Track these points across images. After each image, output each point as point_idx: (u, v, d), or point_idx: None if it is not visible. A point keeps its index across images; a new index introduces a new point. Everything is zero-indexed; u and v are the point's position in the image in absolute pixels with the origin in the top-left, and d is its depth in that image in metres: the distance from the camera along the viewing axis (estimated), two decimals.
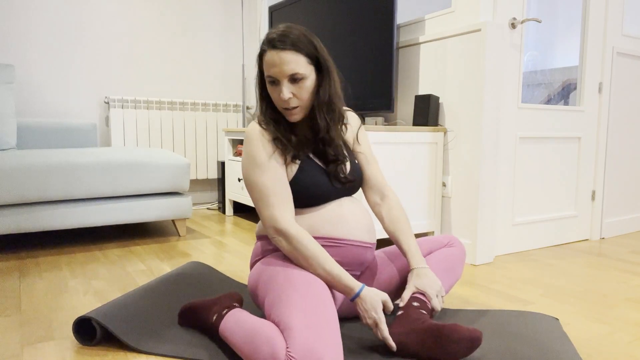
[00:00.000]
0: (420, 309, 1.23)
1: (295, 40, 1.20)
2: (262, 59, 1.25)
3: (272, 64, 1.20)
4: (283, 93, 1.21)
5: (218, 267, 2.03)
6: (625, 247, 2.47)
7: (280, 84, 1.22)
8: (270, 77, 1.22)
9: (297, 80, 1.21)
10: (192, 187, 3.72)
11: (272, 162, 1.24)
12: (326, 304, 1.10)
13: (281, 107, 1.26)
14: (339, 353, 1.00)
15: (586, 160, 2.59)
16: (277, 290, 1.14)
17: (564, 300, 1.67)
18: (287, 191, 1.24)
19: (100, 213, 2.33)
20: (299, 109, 1.26)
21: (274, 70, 1.21)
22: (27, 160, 2.16)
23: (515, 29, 2.19)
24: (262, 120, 1.29)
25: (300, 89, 1.22)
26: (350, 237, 1.28)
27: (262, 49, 1.23)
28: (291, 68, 1.19)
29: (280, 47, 1.19)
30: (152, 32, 3.44)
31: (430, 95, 2.21)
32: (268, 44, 1.21)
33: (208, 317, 1.27)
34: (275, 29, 1.22)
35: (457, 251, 1.46)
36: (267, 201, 1.22)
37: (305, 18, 2.74)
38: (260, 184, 1.23)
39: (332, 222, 1.28)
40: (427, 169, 2.23)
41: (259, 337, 1.04)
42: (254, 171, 1.25)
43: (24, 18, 3.02)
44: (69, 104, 3.20)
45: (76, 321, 1.28)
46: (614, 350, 1.27)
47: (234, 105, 3.71)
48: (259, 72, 1.29)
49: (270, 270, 1.23)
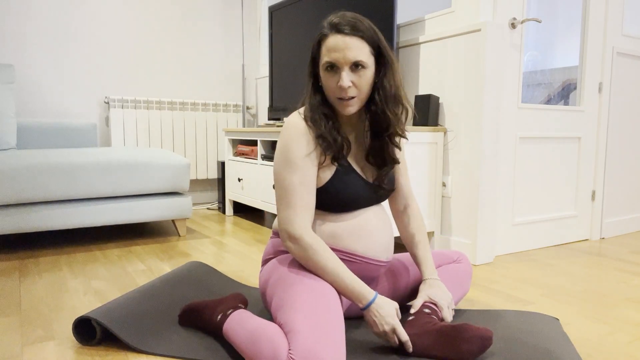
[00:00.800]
0: (431, 315, 1.23)
1: (362, 28, 1.15)
2: (320, 45, 1.19)
3: (334, 48, 1.14)
4: (343, 80, 1.15)
5: (218, 267, 2.03)
6: (625, 247, 2.47)
7: (341, 70, 1.16)
8: (330, 62, 1.16)
9: (359, 68, 1.16)
10: (192, 187, 3.72)
11: (307, 162, 1.18)
12: (333, 307, 1.09)
13: (336, 97, 1.19)
14: (341, 355, 1.00)
15: (586, 160, 2.59)
16: (285, 292, 1.14)
17: (564, 300, 1.67)
18: (312, 197, 1.20)
19: (100, 213, 2.33)
20: (355, 99, 1.19)
21: (336, 55, 1.15)
22: (27, 160, 2.16)
23: (515, 29, 2.19)
24: (308, 116, 1.21)
25: (361, 78, 1.16)
26: (369, 254, 1.26)
27: (322, 34, 1.18)
28: (355, 55, 1.14)
29: (346, 32, 1.14)
30: (152, 32, 3.44)
31: (430, 95, 2.21)
32: (332, 28, 1.16)
33: (212, 316, 1.26)
34: (338, 15, 1.17)
35: (466, 267, 1.48)
36: (288, 201, 1.18)
37: (305, 18, 2.74)
38: (287, 181, 1.18)
39: (355, 235, 1.24)
40: (427, 169, 2.23)
41: (261, 338, 1.04)
42: (285, 167, 1.19)
43: (24, 18, 3.02)
44: (69, 104, 3.20)
45: (76, 321, 1.28)
46: (614, 350, 1.27)
47: (234, 105, 3.71)
48: (311, 62, 1.23)
49: (280, 271, 1.22)
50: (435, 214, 2.27)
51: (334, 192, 1.22)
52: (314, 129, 1.19)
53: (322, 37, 1.18)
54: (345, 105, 1.19)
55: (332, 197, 1.22)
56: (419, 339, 1.17)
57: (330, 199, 1.23)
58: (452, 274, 1.44)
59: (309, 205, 1.19)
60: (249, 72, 3.92)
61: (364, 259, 1.26)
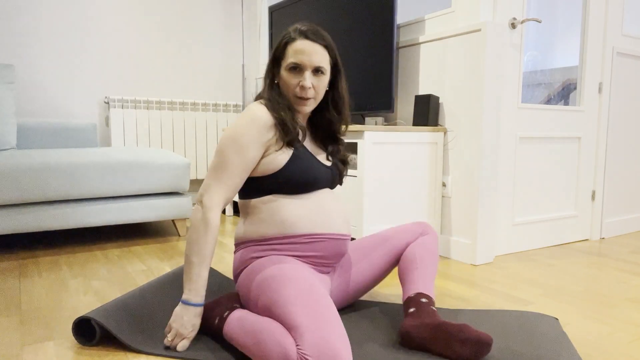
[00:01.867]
0: (429, 304, 1.26)
1: (325, 37, 1.31)
2: (285, 47, 1.30)
3: (301, 51, 1.27)
4: (306, 80, 1.27)
5: (218, 267, 2.03)
6: (625, 247, 2.47)
7: (304, 72, 1.28)
8: (295, 63, 1.27)
9: (319, 73, 1.29)
10: (192, 187, 3.72)
11: (253, 148, 1.25)
12: (326, 299, 1.10)
13: (294, 96, 1.30)
14: (348, 346, 1.01)
15: (586, 160, 2.59)
16: (274, 291, 1.14)
17: (564, 300, 1.67)
18: (241, 181, 1.27)
19: (100, 213, 2.33)
20: (312, 100, 1.32)
21: (301, 58, 1.27)
22: (27, 160, 2.16)
23: (515, 29, 2.19)
24: (269, 104, 1.29)
25: (320, 82, 1.30)
26: (331, 230, 1.31)
27: (290, 37, 1.29)
28: (319, 60, 1.28)
29: (313, 39, 1.28)
30: (152, 32, 3.44)
31: (430, 95, 2.21)
32: (300, 34, 1.28)
33: (209, 320, 1.26)
34: (304, 24, 1.30)
35: (433, 238, 1.47)
36: (219, 176, 1.25)
37: (305, 18, 2.74)
38: (228, 159, 1.24)
39: (316, 215, 1.30)
40: (427, 169, 2.23)
41: (266, 337, 1.04)
42: (233, 145, 1.25)
43: (24, 18, 3.02)
44: (69, 104, 3.20)
45: (76, 321, 1.28)
46: (613, 350, 1.27)
47: (234, 105, 3.71)
48: (272, 61, 1.34)
49: (263, 274, 1.21)
50: (435, 214, 2.27)
51: (295, 171, 1.28)
52: (276, 115, 1.27)
53: (289, 40, 1.29)
54: (302, 103, 1.31)
55: (292, 177, 1.28)
56: (417, 330, 1.19)
57: (290, 179, 1.28)
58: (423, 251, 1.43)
59: (235, 186, 1.26)
60: (249, 72, 3.92)
61: (328, 236, 1.30)
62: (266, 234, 1.28)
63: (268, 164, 1.27)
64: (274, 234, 1.28)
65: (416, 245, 1.44)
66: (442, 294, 1.71)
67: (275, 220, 1.28)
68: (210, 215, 1.22)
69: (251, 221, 1.31)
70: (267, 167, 1.28)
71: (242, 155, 1.24)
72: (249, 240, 1.31)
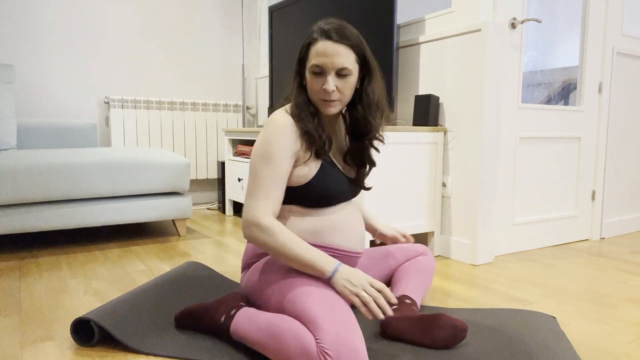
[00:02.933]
0: (413, 305, 1.32)
1: (350, 36, 1.22)
2: (308, 48, 1.24)
3: (323, 53, 1.20)
4: (329, 83, 1.21)
5: (218, 267, 2.03)
6: (625, 247, 2.47)
7: (327, 74, 1.22)
8: (317, 66, 1.22)
9: (344, 75, 1.22)
10: (192, 187, 3.72)
11: (284, 159, 1.21)
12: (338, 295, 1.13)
13: (319, 98, 1.25)
14: (363, 340, 1.04)
15: (586, 160, 2.59)
16: (289, 286, 1.16)
17: (564, 300, 1.67)
18: (281, 192, 1.22)
19: (100, 213, 2.33)
20: (337, 102, 1.25)
21: (323, 60, 1.20)
22: (27, 160, 2.16)
23: (515, 29, 2.19)
24: (295, 113, 1.25)
25: (345, 83, 1.23)
26: (346, 247, 1.31)
27: (312, 38, 1.23)
28: (342, 62, 1.20)
29: (336, 39, 1.20)
30: (152, 32, 3.44)
31: (430, 95, 2.21)
32: (322, 34, 1.21)
33: (214, 319, 1.26)
34: (328, 21, 1.23)
35: (430, 260, 1.54)
36: (257, 192, 1.20)
37: (305, 18, 2.74)
38: (261, 174, 1.21)
39: (336, 230, 1.28)
40: (427, 169, 2.23)
41: (282, 332, 1.05)
42: (262, 160, 1.21)
43: (24, 18, 3.02)
44: (69, 104, 3.20)
45: (74, 322, 1.28)
46: (613, 350, 1.27)
47: (234, 105, 3.71)
48: (298, 62, 1.29)
49: (275, 268, 1.23)
50: (435, 214, 2.27)
51: (320, 186, 1.25)
52: (301, 125, 1.23)
53: (311, 41, 1.23)
54: (327, 105, 1.25)
55: (317, 192, 1.25)
56: (397, 322, 1.24)
57: (315, 194, 1.26)
58: (418, 267, 1.49)
59: (276, 198, 1.21)
60: (249, 72, 3.92)
61: (344, 252, 1.31)
62: None
63: (297, 175, 1.25)
64: None
65: (413, 262, 1.51)
66: (442, 294, 1.71)
67: (295, 228, 1.28)
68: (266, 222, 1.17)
69: None
70: (296, 179, 1.25)
71: (274, 167, 1.21)
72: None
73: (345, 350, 0.97)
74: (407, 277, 1.45)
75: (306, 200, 1.27)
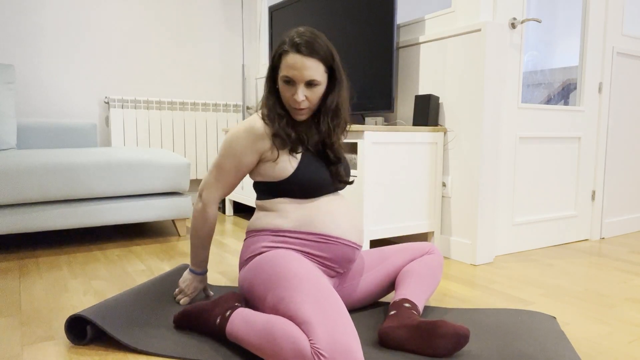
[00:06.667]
0: (412, 309, 1.28)
1: (319, 50, 1.28)
2: (280, 58, 1.31)
3: (293, 66, 1.28)
4: (298, 95, 1.29)
5: (218, 267, 2.03)
6: (625, 247, 2.47)
7: (296, 85, 1.30)
8: (287, 77, 1.30)
9: (312, 85, 1.30)
10: (192, 187, 3.72)
11: (246, 156, 1.36)
12: (334, 295, 1.13)
13: (290, 106, 1.35)
14: (358, 340, 1.03)
15: (586, 160, 2.59)
16: (280, 287, 1.15)
17: (564, 300, 1.67)
18: (237, 181, 1.42)
19: (100, 213, 2.33)
20: (306, 110, 1.35)
21: (293, 73, 1.28)
22: (27, 160, 2.16)
23: (515, 29, 2.19)
24: (266, 115, 1.36)
25: (313, 93, 1.32)
26: (341, 236, 1.34)
27: (283, 49, 1.30)
28: (310, 74, 1.28)
29: (305, 53, 1.27)
30: (152, 32, 3.44)
31: (430, 95, 2.21)
32: (293, 47, 1.28)
33: (209, 320, 1.26)
34: (300, 33, 1.29)
35: (437, 258, 1.52)
36: (216, 176, 1.40)
37: (305, 18, 2.74)
38: (223, 164, 1.39)
39: (329, 218, 1.33)
40: (427, 169, 2.23)
41: (277, 334, 1.05)
42: (228, 150, 1.37)
43: (24, 18, 3.02)
44: (69, 104, 3.20)
45: (69, 320, 1.27)
46: (613, 350, 1.27)
47: (234, 105, 3.71)
48: (271, 68, 1.36)
49: (269, 268, 1.23)
50: (435, 214, 2.27)
51: (305, 177, 1.34)
52: (270, 127, 1.35)
53: (282, 52, 1.30)
54: (298, 113, 1.36)
55: (302, 183, 1.34)
56: (396, 331, 1.21)
57: (300, 185, 1.34)
58: (423, 267, 1.47)
59: (230, 185, 1.42)
60: (249, 72, 3.92)
61: (340, 241, 1.33)
62: (281, 226, 1.33)
63: (274, 170, 1.35)
64: (289, 228, 1.33)
65: (418, 262, 1.48)
66: (442, 294, 1.71)
67: (290, 218, 1.34)
68: (208, 210, 1.43)
69: (266, 214, 1.37)
70: (274, 173, 1.35)
71: (237, 160, 1.37)
72: (264, 229, 1.36)
73: (339, 351, 0.97)
74: (410, 278, 1.42)
75: (293, 192, 1.35)
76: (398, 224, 2.16)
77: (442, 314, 1.48)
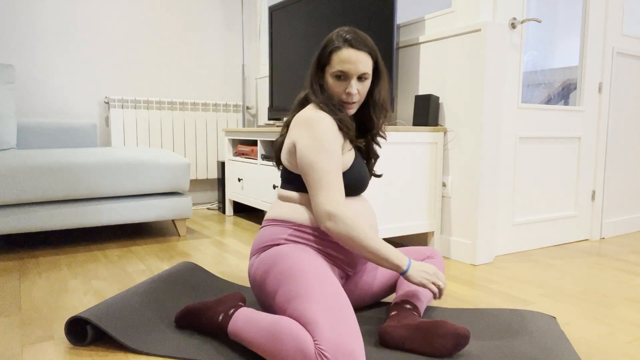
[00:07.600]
0: (413, 311, 1.29)
1: (368, 44, 1.34)
2: (331, 55, 1.34)
3: (347, 60, 1.31)
4: (352, 87, 1.33)
5: (218, 267, 2.03)
6: (625, 247, 2.47)
7: (350, 79, 1.33)
8: (341, 71, 1.33)
9: (363, 79, 1.35)
10: (192, 187, 3.72)
11: (339, 150, 1.31)
12: (343, 295, 1.13)
13: (340, 100, 1.36)
14: (362, 343, 1.03)
15: (586, 160, 2.59)
16: (293, 284, 1.16)
17: (564, 300, 1.67)
18: (342, 179, 1.31)
19: (100, 213, 2.33)
20: (356, 104, 1.38)
21: (348, 67, 1.32)
22: (27, 160, 2.16)
23: (515, 29, 2.19)
24: (326, 109, 1.35)
25: (364, 86, 1.36)
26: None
27: (335, 46, 1.33)
28: (363, 67, 1.33)
29: (358, 47, 1.32)
30: (152, 32, 3.44)
31: (430, 95, 2.21)
32: (345, 42, 1.32)
33: (213, 318, 1.26)
34: (346, 31, 1.34)
35: (438, 262, 1.53)
36: (325, 184, 1.26)
37: (305, 18, 2.74)
38: (324, 168, 1.27)
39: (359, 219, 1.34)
40: (427, 169, 2.23)
41: (281, 333, 1.05)
42: (321, 155, 1.28)
43: (24, 18, 3.02)
44: (69, 104, 3.20)
45: (69, 321, 1.27)
46: (613, 350, 1.27)
47: (234, 105, 3.71)
48: (318, 66, 1.38)
49: (283, 263, 1.22)
50: (435, 214, 2.27)
51: (356, 172, 1.36)
52: (336, 117, 1.34)
53: (334, 49, 1.33)
54: (349, 107, 1.38)
55: (353, 179, 1.36)
56: (396, 330, 1.22)
57: (351, 181, 1.35)
58: None
59: (341, 187, 1.29)
60: (249, 72, 3.92)
61: None
62: (305, 222, 1.32)
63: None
64: (310, 224, 1.32)
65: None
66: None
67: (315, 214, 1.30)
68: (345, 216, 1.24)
69: (292, 206, 1.35)
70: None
71: (335, 159, 1.29)
72: (286, 220, 1.34)
73: (342, 353, 0.97)
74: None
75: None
76: (398, 224, 2.16)
77: (442, 314, 1.48)
